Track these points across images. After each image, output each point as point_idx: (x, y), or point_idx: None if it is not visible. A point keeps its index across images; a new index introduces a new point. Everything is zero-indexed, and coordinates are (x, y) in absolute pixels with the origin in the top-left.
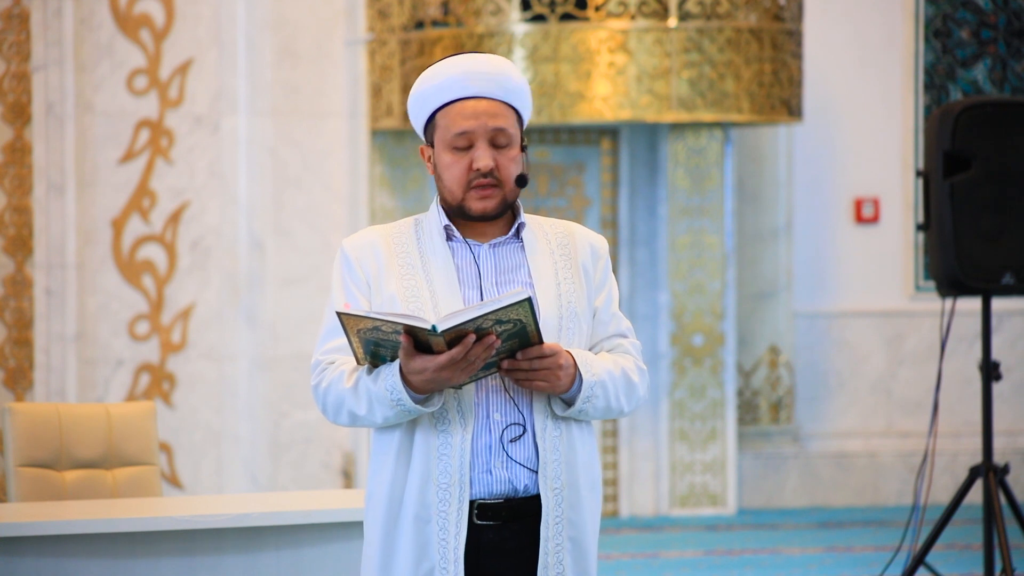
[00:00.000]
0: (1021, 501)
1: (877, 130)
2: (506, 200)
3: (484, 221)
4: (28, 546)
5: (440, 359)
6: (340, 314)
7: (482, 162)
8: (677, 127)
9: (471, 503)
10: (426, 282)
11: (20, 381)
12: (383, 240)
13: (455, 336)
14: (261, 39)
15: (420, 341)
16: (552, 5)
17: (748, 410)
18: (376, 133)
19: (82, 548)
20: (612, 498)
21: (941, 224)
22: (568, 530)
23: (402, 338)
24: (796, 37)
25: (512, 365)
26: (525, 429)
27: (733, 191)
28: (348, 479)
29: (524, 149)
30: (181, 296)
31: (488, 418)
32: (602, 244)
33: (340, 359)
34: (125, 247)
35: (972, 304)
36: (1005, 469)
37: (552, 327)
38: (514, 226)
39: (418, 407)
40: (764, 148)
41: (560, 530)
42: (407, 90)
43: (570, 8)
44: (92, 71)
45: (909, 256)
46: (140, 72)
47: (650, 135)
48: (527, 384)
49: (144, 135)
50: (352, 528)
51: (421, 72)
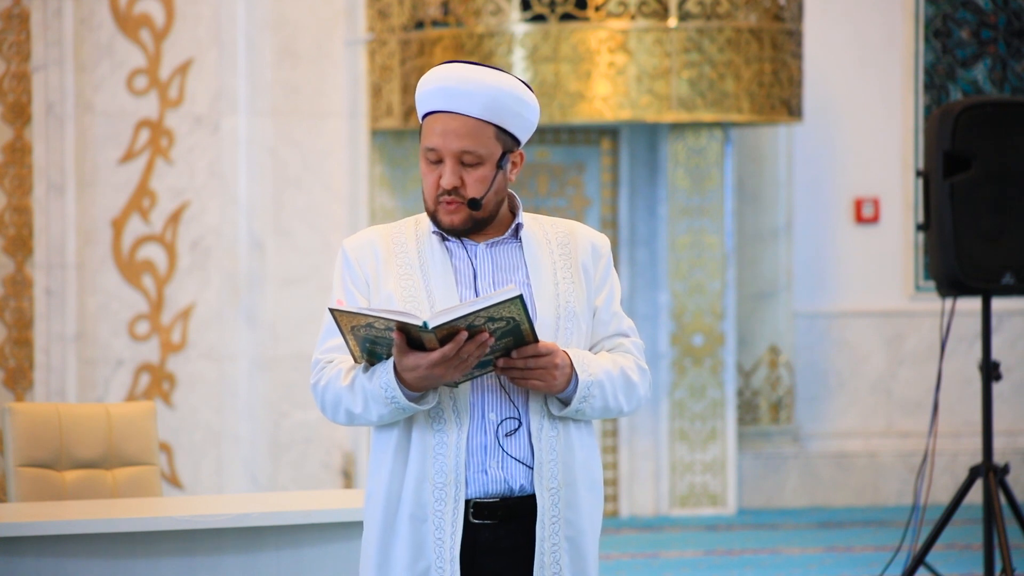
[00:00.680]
0: (1021, 501)
1: (877, 130)
2: (472, 216)
3: (453, 234)
4: (28, 546)
5: (432, 356)
6: (333, 311)
7: (445, 180)
8: (677, 127)
9: (467, 502)
10: (423, 281)
11: (20, 381)
12: (383, 240)
13: (448, 333)
14: (261, 39)
15: (413, 338)
16: (552, 5)
17: (748, 410)
18: (376, 133)
19: (82, 548)
20: (612, 498)
21: (941, 224)
22: (565, 529)
23: (395, 335)
24: (796, 37)
25: (507, 363)
26: (521, 423)
27: (733, 191)
28: (348, 479)
29: (502, 166)
30: (181, 296)
31: (484, 417)
32: (604, 243)
33: (339, 358)
34: (125, 247)
35: (972, 304)
36: (1005, 469)
37: (549, 326)
38: (512, 226)
39: (413, 405)
40: (764, 148)
41: (557, 529)
42: (407, 90)
43: (570, 8)
44: (92, 71)
45: (909, 256)
46: (140, 72)
47: (650, 135)
48: (522, 383)
49: (144, 135)
50: (352, 528)
51: (421, 72)
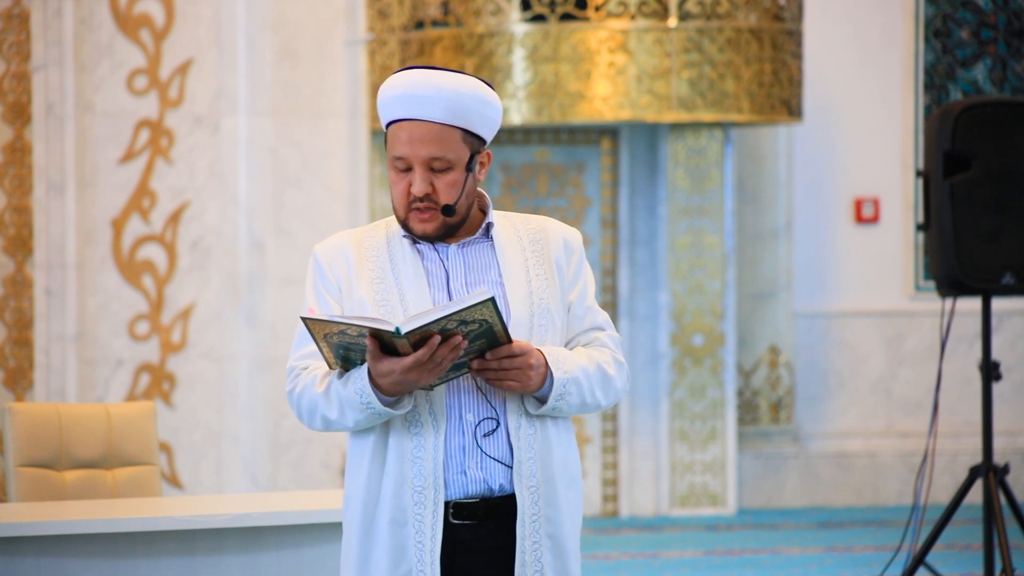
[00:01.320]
0: (1021, 501)
1: (877, 130)
2: (445, 222)
3: (426, 240)
4: (28, 546)
5: (406, 361)
6: (305, 319)
7: (415, 188)
8: (677, 127)
9: (447, 504)
10: (395, 285)
11: (20, 381)
12: (354, 244)
13: (421, 338)
14: (261, 39)
15: (386, 344)
16: (552, 5)
17: (748, 410)
18: (376, 133)
19: (82, 548)
20: (612, 498)
21: (941, 224)
22: (546, 527)
23: (368, 341)
24: (796, 37)
25: (482, 365)
26: (499, 423)
27: (733, 191)
28: None
29: (471, 169)
30: (181, 296)
31: (461, 419)
32: (576, 238)
33: (314, 364)
34: (125, 247)
35: (972, 304)
36: (1005, 469)
37: (523, 324)
38: (483, 225)
39: (388, 410)
40: (764, 148)
41: (537, 528)
42: None
43: (570, 8)
44: (92, 71)
45: (909, 256)
46: (140, 72)
47: (650, 135)
48: (497, 384)
49: (144, 135)
50: None
51: None
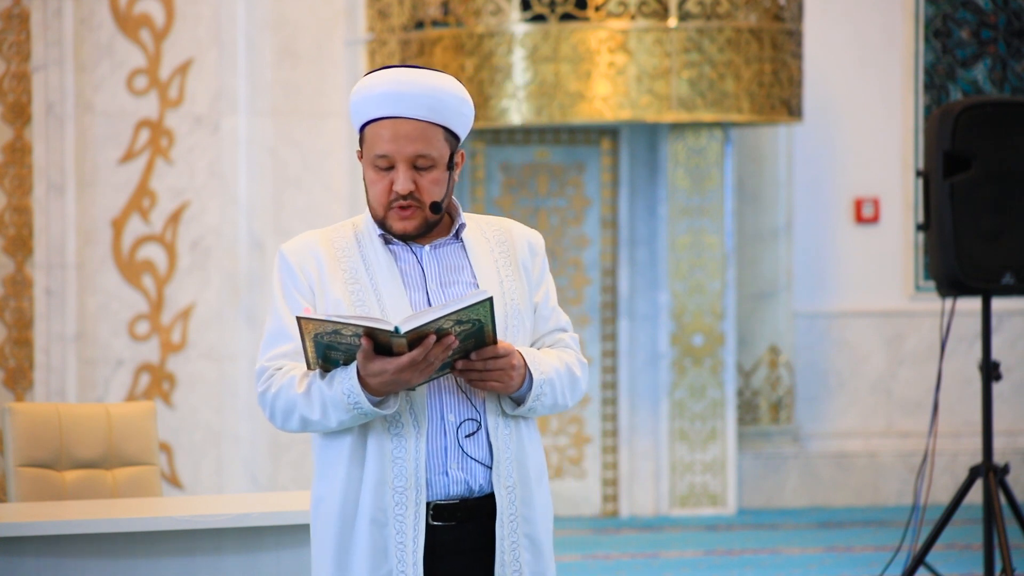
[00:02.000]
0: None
1: (877, 130)
2: (427, 220)
3: (405, 239)
4: (28, 546)
5: (401, 361)
6: (300, 318)
7: (399, 186)
8: (677, 127)
9: (427, 504)
10: (371, 286)
11: (20, 381)
12: (323, 244)
13: (415, 337)
14: (261, 39)
15: (379, 343)
16: (552, 5)
17: (748, 410)
18: None
19: (82, 548)
20: (612, 498)
21: (941, 224)
22: (523, 527)
23: (363, 340)
24: (796, 37)
25: (466, 366)
26: (480, 424)
27: (733, 191)
28: None
29: (452, 167)
30: (181, 296)
31: (443, 419)
32: (539, 240)
33: (288, 365)
34: (125, 247)
35: (972, 304)
36: (1005, 469)
37: (499, 326)
38: (454, 228)
39: (376, 410)
40: (764, 148)
41: (515, 528)
42: None
43: (570, 8)
44: (92, 71)
45: (909, 256)
46: (140, 72)
47: (650, 135)
48: (480, 384)
49: (144, 135)
50: None
51: None
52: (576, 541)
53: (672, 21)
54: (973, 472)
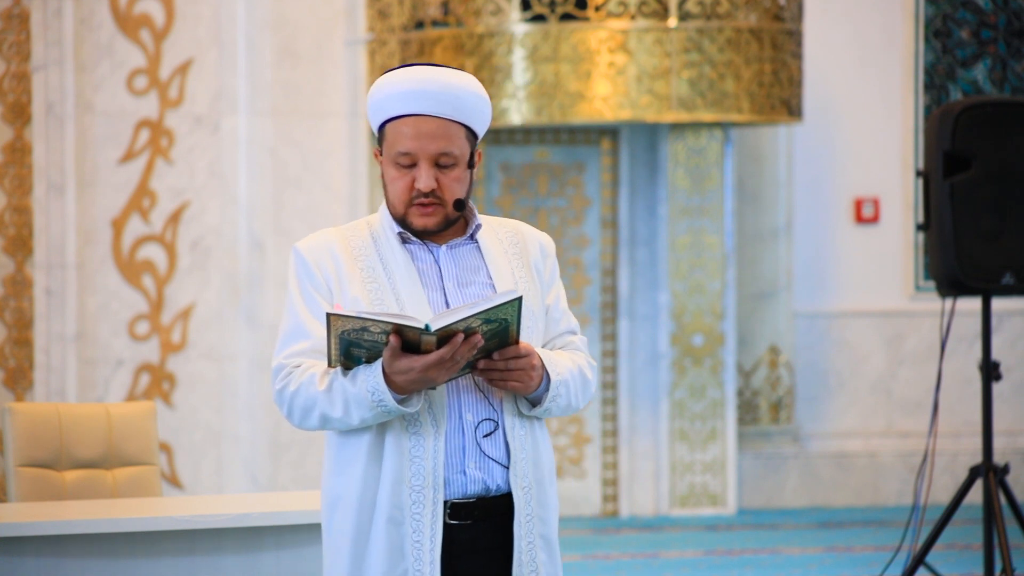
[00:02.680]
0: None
1: (877, 130)
2: (448, 217)
3: (427, 235)
4: (28, 546)
5: (429, 358)
6: (330, 315)
7: (422, 183)
8: (677, 127)
9: (444, 503)
10: (389, 285)
11: (20, 381)
12: (340, 243)
13: (443, 335)
14: (261, 39)
15: (405, 341)
16: (552, 5)
17: (748, 410)
18: None
19: (82, 548)
20: (612, 498)
21: (941, 224)
22: (539, 527)
23: (392, 337)
24: (796, 37)
25: (489, 365)
26: (497, 424)
27: (733, 191)
28: None
29: (472, 166)
30: (181, 296)
31: (461, 418)
32: (549, 243)
33: (306, 363)
34: (125, 247)
35: (972, 304)
36: (1005, 469)
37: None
38: (470, 228)
39: (400, 407)
40: (764, 148)
41: (532, 527)
42: None
43: (570, 8)
44: (92, 71)
45: (909, 256)
46: (140, 72)
47: (650, 135)
48: (501, 384)
49: (144, 135)
50: None
51: None
52: (576, 541)
53: (672, 21)
54: (973, 472)
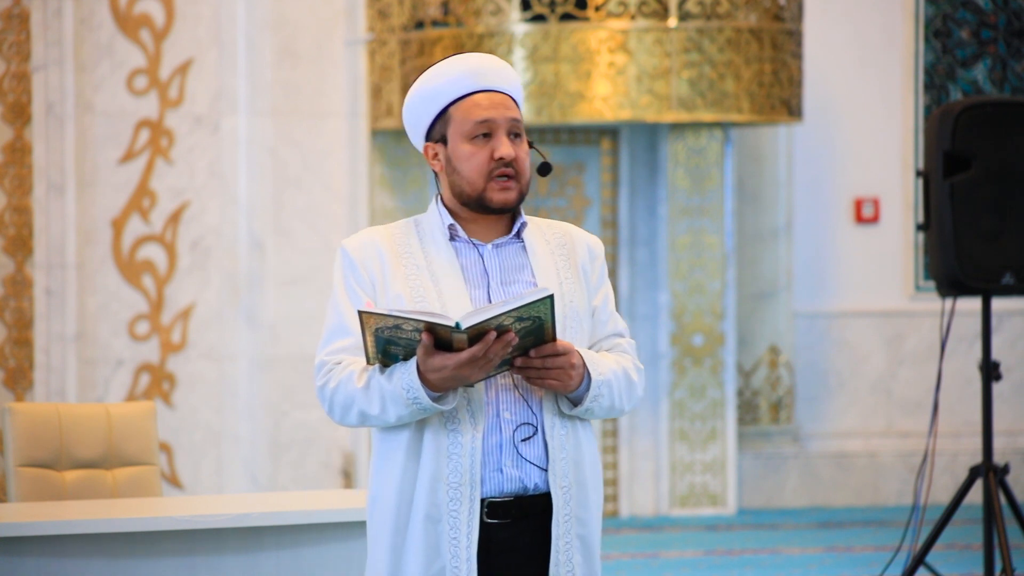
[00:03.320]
0: (1021, 501)
1: (877, 130)
2: (522, 193)
3: (502, 213)
4: (28, 546)
5: (461, 356)
6: (362, 312)
7: (504, 150)
8: (677, 127)
9: (482, 501)
10: (432, 282)
11: (20, 381)
12: (385, 240)
13: (476, 333)
14: (261, 39)
15: (439, 338)
16: (552, 5)
17: (748, 410)
18: (376, 133)
19: (82, 548)
20: (612, 498)
21: (941, 224)
22: (577, 528)
23: (423, 335)
24: (796, 37)
25: (525, 363)
26: (536, 429)
27: (733, 191)
28: (348, 479)
29: (531, 144)
30: (181, 296)
31: (498, 416)
32: (598, 245)
33: (347, 359)
34: (125, 247)
35: (972, 304)
36: (1005, 469)
37: (558, 325)
38: (516, 226)
39: (435, 405)
40: (764, 148)
41: (569, 528)
42: (407, 90)
43: (570, 8)
44: (92, 71)
45: (909, 256)
46: (140, 72)
47: (650, 135)
48: (539, 383)
49: (144, 135)
50: (352, 528)
51: (421, 72)
52: None
53: (672, 21)
54: (973, 472)
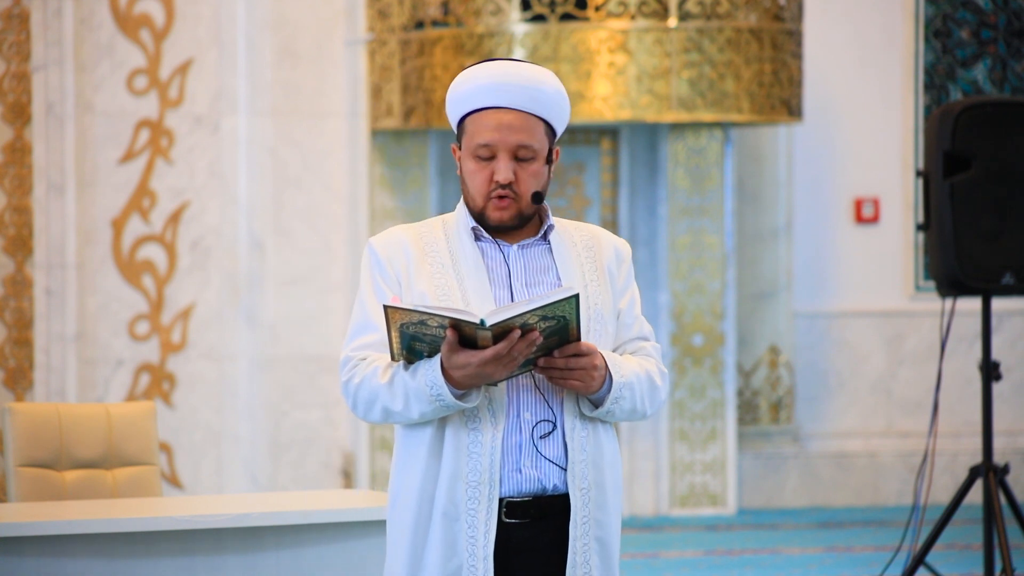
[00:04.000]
0: (1021, 501)
1: (877, 130)
2: (522, 212)
3: (500, 230)
4: (28, 546)
5: (485, 354)
6: (387, 307)
7: (500, 175)
8: (677, 127)
9: (500, 501)
10: (456, 281)
11: (20, 381)
12: (412, 239)
13: (500, 331)
14: (261, 39)
15: (464, 336)
16: (552, 5)
17: (748, 410)
18: (376, 133)
19: (82, 548)
20: None
21: (941, 224)
22: (595, 530)
23: (448, 332)
24: (796, 37)
25: (548, 363)
26: (555, 426)
27: (733, 191)
28: (348, 479)
29: (550, 162)
30: (181, 296)
31: (519, 416)
32: (626, 248)
33: (372, 355)
34: (125, 247)
35: (972, 304)
36: (1005, 469)
37: (582, 326)
38: (543, 228)
39: (458, 402)
40: (764, 148)
41: (587, 530)
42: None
43: (570, 8)
44: (92, 71)
45: (909, 256)
46: (140, 72)
47: (650, 135)
48: (561, 383)
49: (144, 135)
50: (352, 528)
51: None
52: None
53: (672, 21)
54: (973, 472)
